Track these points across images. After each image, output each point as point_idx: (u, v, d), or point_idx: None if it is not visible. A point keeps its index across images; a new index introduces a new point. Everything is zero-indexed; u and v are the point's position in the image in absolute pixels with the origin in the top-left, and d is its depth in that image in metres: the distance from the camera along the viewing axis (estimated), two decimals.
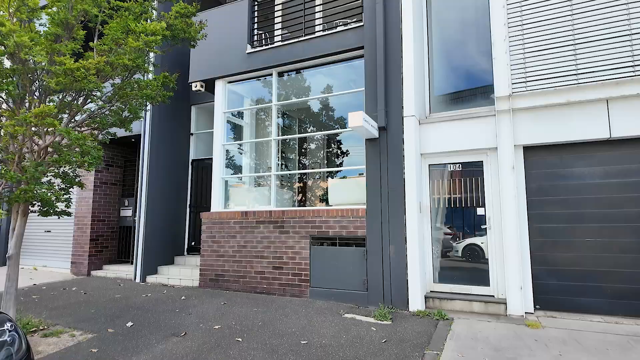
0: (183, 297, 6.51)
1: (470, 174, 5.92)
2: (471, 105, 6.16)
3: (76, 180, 5.30)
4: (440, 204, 6.11)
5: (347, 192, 6.81)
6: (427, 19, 6.62)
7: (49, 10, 4.95)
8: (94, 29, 5.18)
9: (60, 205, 5.06)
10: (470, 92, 6.38)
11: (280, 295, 6.54)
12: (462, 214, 5.99)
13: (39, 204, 4.86)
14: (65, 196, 5.07)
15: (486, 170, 5.79)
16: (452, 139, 5.91)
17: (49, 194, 4.68)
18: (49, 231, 9.73)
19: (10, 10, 4.36)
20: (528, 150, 5.50)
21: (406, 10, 6.08)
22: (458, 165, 6.02)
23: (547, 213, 5.33)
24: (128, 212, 9.36)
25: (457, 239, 6.01)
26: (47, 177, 5.29)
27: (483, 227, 5.74)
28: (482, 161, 5.84)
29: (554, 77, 5.31)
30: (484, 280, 5.64)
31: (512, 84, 5.55)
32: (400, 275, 5.63)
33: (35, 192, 4.52)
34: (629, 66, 4.95)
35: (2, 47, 4.44)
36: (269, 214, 6.88)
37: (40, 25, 5.03)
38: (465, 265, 5.88)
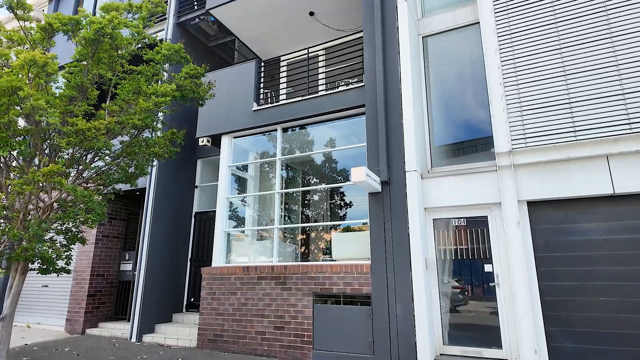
0: None
1: (475, 228, 5.86)
2: (472, 158, 6.24)
3: (79, 236, 5.28)
4: (447, 255, 5.99)
5: (351, 245, 6.72)
6: (425, 74, 6.88)
7: (66, 73, 5.22)
8: (107, 91, 5.43)
9: (60, 263, 4.99)
10: (471, 143, 6.48)
11: (281, 359, 6.21)
12: (470, 266, 5.84)
13: (39, 261, 4.81)
14: (66, 253, 5.02)
15: (491, 226, 5.73)
16: (455, 193, 5.92)
17: (50, 252, 4.64)
18: (47, 286, 9.52)
19: (30, 75, 4.60)
20: (532, 205, 5.48)
21: (405, 70, 6.36)
22: (463, 220, 5.97)
23: (557, 270, 5.20)
24: (128, 267, 9.20)
25: (466, 293, 5.81)
26: (49, 233, 5.28)
27: (492, 284, 5.57)
28: (486, 216, 5.80)
29: (552, 134, 5.43)
30: (496, 341, 5.37)
31: (512, 140, 5.66)
32: (408, 336, 5.38)
33: (36, 250, 4.49)
34: (625, 123, 5.06)
35: (19, 108, 4.63)
36: (271, 269, 6.74)
37: (56, 87, 5.29)
38: (476, 322, 5.63)
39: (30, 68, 4.18)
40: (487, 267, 5.66)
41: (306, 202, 8.60)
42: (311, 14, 8.62)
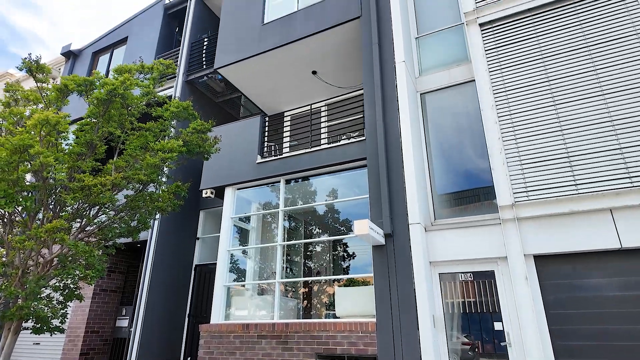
0: None
1: (483, 280, 5.70)
2: (475, 208, 6.21)
3: (76, 293, 5.16)
4: (455, 309, 5.77)
5: (355, 301, 6.51)
6: (424, 127, 7.04)
7: (76, 131, 5.40)
8: (115, 147, 5.58)
9: (55, 322, 4.84)
10: (473, 192, 6.49)
11: None
12: (480, 321, 5.60)
13: (34, 320, 4.66)
14: (62, 311, 4.88)
15: (499, 280, 5.58)
16: (460, 247, 5.83)
17: (45, 310, 4.52)
18: (38, 344, 9.14)
19: (42, 133, 4.76)
20: (539, 259, 5.37)
21: (404, 125, 6.53)
22: (469, 274, 5.84)
23: (570, 329, 4.97)
24: (124, 323, 8.89)
25: (476, 350, 5.52)
26: (46, 290, 5.17)
27: (503, 344, 5.31)
28: (493, 270, 5.67)
29: (554, 187, 5.45)
30: None
31: (514, 193, 5.68)
32: None
33: (31, 308, 4.37)
34: (625, 177, 5.10)
35: (28, 165, 4.74)
36: (272, 327, 6.48)
37: (66, 144, 5.45)
38: None
39: (42, 127, 4.35)
40: (497, 325, 5.43)
41: (308, 253, 8.48)
42: (314, 72, 9.06)
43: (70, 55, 12.76)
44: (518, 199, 5.61)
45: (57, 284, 4.90)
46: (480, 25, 6.73)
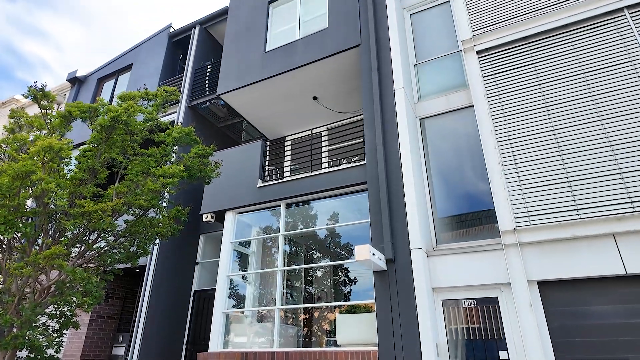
0: None
1: (487, 307, 5.59)
2: (477, 232, 6.16)
3: (72, 320, 5.07)
4: (458, 335, 5.62)
5: (357, 328, 6.37)
6: (424, 151, 7.08)
7: (79, 157, 5.44)
8: (117, 173, 5.61)
9: (50, 351, 4.73)
10: (474, 215, 6.46)
11: None
12: (485, 348, 5.44)
13: (28, 349, 4.56)
14: (57, 339, 4.78)
15: (502, 307, 5.47)
16: (462, 273, 5.76)
17: (40, 339, 4.43)
18: None
19: (45, 160, 4.80)
20: (543, 285, 5.29)
21: (404, 149, 6.56)
22: (472, 301, 5.73)
23: (577, 359, 4.84)
24: (120, 350, 8.69)
25: None
26: (42, 317, 5.09)
27: None
28: (496, 297, 5.57)
29: (555, 212, 5.43)
30: None
31: (515, 217, 5.65)
32: None
33: (26, 337, 4.28)
34: (627, 202, 5.09)
35: (30, 190, 4.76)
36: (271, 356, 6.32)
37: (68, 170, 5.48)
38: None
39: (45, 154, 4.39)
40: (502, 354, 5.29)
41: (309, 278, 8.36)
42: (314, 98, 9.21)
43: (76, 82, 13.02)
44: (519, 224, 5.58)
45: (53, 311, 4.82)
46: (478, 52, 6.88)
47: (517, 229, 5.54)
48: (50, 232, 5.05)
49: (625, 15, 6.03)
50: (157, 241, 7.94)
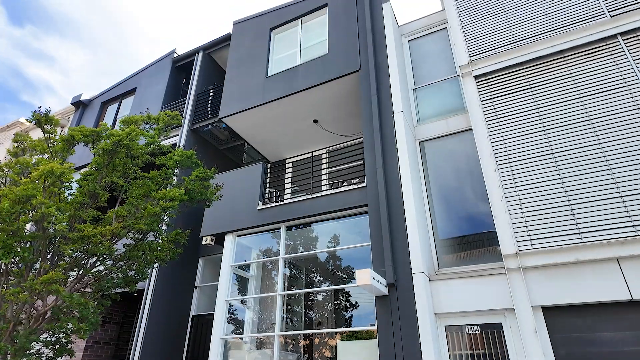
0: None
1: (492, 332, 5.46)
2: (480, 255, 6.12)
3: (67, 347, 4.96)
4: None
5: (359, 355, 6.22)
6: (424, 173, 7.10)
7: (80, 181, 5.46)
8: (118, 196, 5.61)
9: None
10: (476, 237, 6.40)
11: None
12: None
13: None
14: None
15: (507, 333, 5.35)
16: (465, 298, 5.66)
17: None
18: None
19: (46, 184, 4.82)
20: (548, 311, 5.19)
21: (404, 172, 6.58)
22: (476, 327, 5.61)
23: None
24: None
25: None
26: (37, 345, 4.98)
27: None
28: (501, 323, 5.46)
29: (557, 236, 5.38)
30: None
31: (517, 241, 5.60)
32: None
33: None
34: (629, 226, 5.05)
35: (30, 214, 4.75)
36: None
37: (69, 194, 5.49)
38: None
39: (47, 178, 4.41)
40: None
41: (309, 302, 8.23)
42: (315, 121, 9.32)
43: (80, 105, 13.22)
44: (522, 248, 5.52)
45: (48, 338, 4.72)
46: (475, 77, 7.00)
47: (520, 252, 5.48)
48: (48, 256, 5.01)
49: (619, 41, 6.17)
50: (155, 265, 7.87)
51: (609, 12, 6.43)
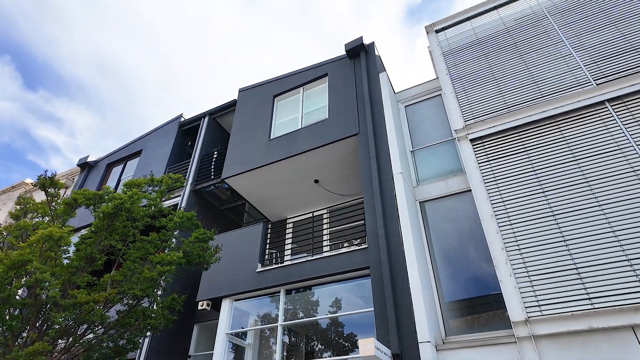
0: None
1: None
2: (488, 320, 5.82)
3: None
4: None
5: None
6: (425, 234, 7.01)
7: (78, 244, 5.41)
8: (115, 260, 5.52)
9: None
10: (483, 299, 6.14)
11: None
12: None
13: None
14: None
15: None
16: None
17: None
18: None
19: (43, 248, 4.77)
20: None
21: (405, 232, 6.50)
22: None
23: None
24: None
25: None
26: None
27: None
28: None
29: (567, 301, 5.18)
30: None
31: (525, 307, 5.37)
32: None
33: None
34: (639, 292, 4.87)
35: (23, 280, 4.63)
36: None
37: (65, 257, 5.41)
38: None
39: (45, 242, 4.38)
40: None
41: None
42: (316, 181, 9.44)
43: (86, 166, 13.50)
44: (531, 314, 5.29)
45: None
46: (471, 140, 7.20)
47: (529, 319, 5.23)
48: (37, 324, 4.80)
49: (607, 107, 6.43)
50: (148, 334, 7.50)
51: (594, 80, 6.79)
